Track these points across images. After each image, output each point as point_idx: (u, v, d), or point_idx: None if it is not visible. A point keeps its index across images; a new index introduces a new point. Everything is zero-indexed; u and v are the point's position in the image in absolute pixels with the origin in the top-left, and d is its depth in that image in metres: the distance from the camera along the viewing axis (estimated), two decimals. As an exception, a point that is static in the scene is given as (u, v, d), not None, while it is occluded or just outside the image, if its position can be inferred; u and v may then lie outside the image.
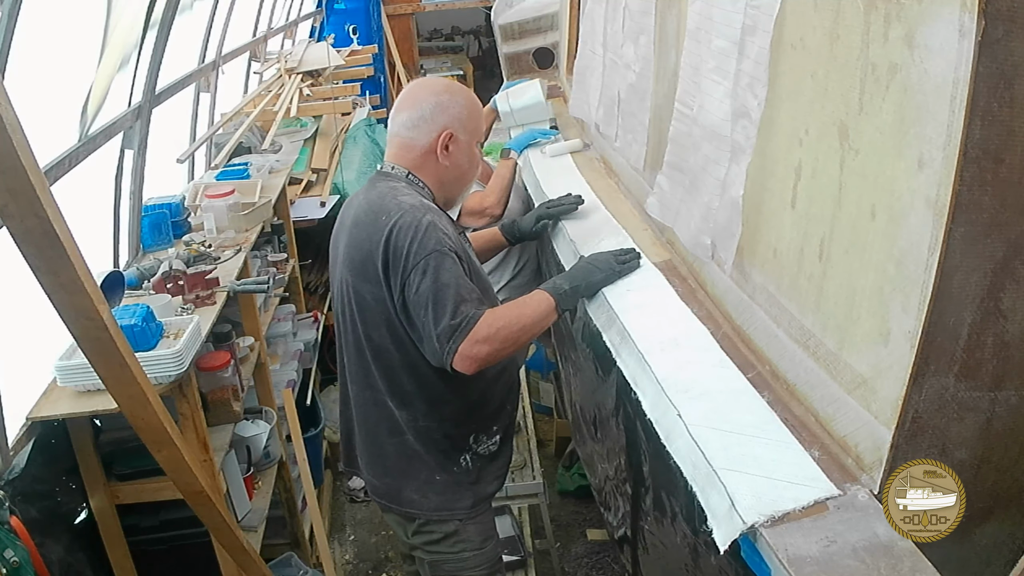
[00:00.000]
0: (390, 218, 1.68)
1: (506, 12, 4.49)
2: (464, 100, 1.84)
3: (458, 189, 1.90)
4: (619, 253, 1.88)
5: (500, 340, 1.66)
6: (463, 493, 1.90)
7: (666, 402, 1.42)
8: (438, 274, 1.63)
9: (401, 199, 1.72)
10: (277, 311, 3.37)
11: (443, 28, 10.25)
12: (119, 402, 1.66)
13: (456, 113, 1.81)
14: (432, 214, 1.70)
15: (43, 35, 2.24)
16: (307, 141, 4.59)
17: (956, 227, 0.99)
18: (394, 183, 1.80)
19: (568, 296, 1.79)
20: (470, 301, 1.65)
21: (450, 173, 1.84)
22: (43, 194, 1.30)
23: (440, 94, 1.81)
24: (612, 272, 1.83)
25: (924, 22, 1.00)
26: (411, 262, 1.64)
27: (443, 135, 1.79)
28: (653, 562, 1.86)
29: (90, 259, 1.46)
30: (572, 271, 1.87)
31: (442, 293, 1.63)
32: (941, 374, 1.08)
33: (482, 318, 1.65)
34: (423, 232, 1.65)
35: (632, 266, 1.86)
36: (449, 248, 1.67)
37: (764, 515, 1.11)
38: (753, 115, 1.44)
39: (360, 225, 1.75)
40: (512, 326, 1.69)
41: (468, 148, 1.84)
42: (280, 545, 2.94)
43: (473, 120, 1.85)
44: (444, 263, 1.64)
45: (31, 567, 1.65)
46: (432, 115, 1.80)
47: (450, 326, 1.62)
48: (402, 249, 1.65)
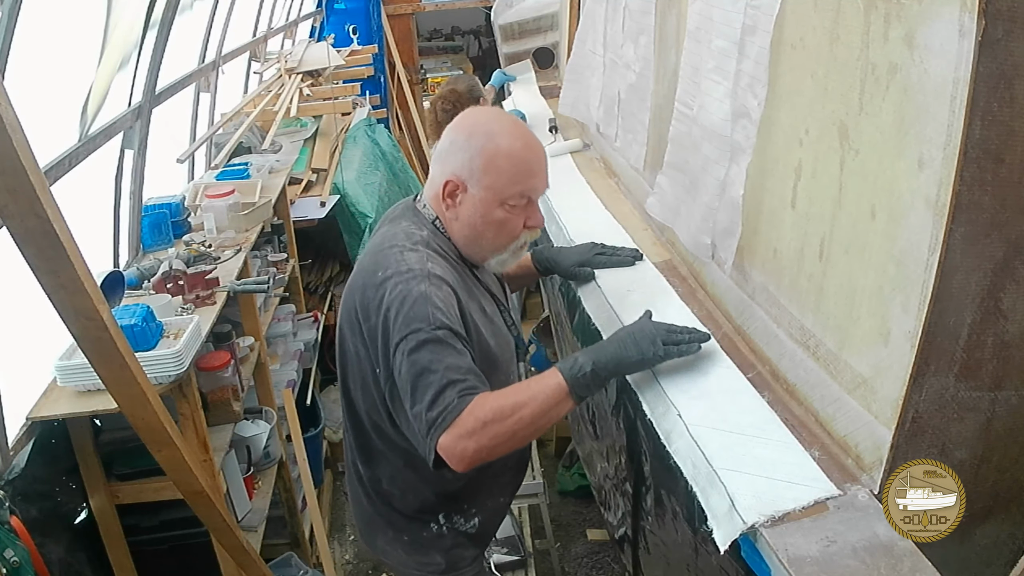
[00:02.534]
0: (385, 279, 1.44)
1: (506, 12, 4.49)
2: (486, 147, 1.47)
3: (476, 250, 1.57)
4: (674, 330, 1.47)
5: (490, 436, 1.33)
6: (434, 555, 1.68)
7: (666, 402, 1.42)
8: (419, 357, 1.37)
9: (407, 256, 1.46)
10: (277, 311, 3.37)
11: (443, 28, 10.24)
12: (119, 402, 1.66)
13: (468, 160, 1.48)
14: (428, 283, 1.42)
15: (43, 35, 2.23)
16: (307, 141, 4.60)
17: (956, 227, 0.99)
18: (415, 228, 1.54)
19: (588, 382, 1.40)
20: (457, 384, 1.35)
21: (470, 229, 1.53)
22: (43, 194, 1.30)
23: (464, 131, 1.51)
24: (654, 355, 1.43)
25: (924, 22, 1.00)
26: (393, 339, 1.40)
27: (447, 184, 1.50)
28: (654, 562, 1.86)
29: (90, 259, 1.46)
30: (602, 346, 1.46)
31: (423, 379, 1.36)
32: (941, 374, 1.08)
33: (468, 407, 1.33)
34: (410, 305, 1.39)
35: (685, 349, 1.45)
36: (440, 326, 1.38)
37: (764, 515, 1.11)
38: (753, 115, 1.44)
39: (363, 269, 1.52)
40: (505, 419, 1.34)
41: (482, 206, 1.50)
42: (280, 545, 2.94)
43: (493, 174, 1.48)
44: (430, 344, 1.37)
45: (31, 567, 1.65)
46: (448, 153, 1.51)
47: (428, 419, 1.34)
48: (389, 322, 1.41)
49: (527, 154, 1.50)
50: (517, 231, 1.54)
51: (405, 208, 1.63)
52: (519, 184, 1.49)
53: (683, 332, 1.48)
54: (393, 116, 6.97)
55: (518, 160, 1.49)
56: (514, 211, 1.51)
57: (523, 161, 1.49)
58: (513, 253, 1.58)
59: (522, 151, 1.50)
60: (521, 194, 1.50)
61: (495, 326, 1.58)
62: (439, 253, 1.52)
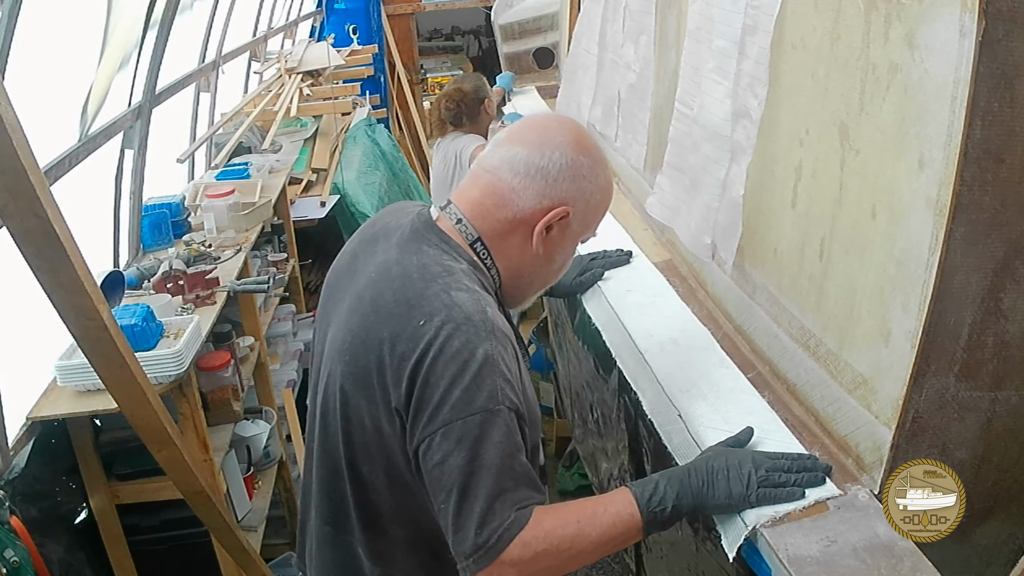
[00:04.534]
0: (431, 328, 1.10)
1: (506, 12, 4.49)
2: (604, 179, 1.26)
3: (530, 289, 1.32)
4: (777, 466, 1.17)
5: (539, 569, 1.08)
6: None
7: (666, 402, 1.42)
8: (479, 450, 1.06)
9: (455, 295, 1.13)
10: (277, 311, 3.37)
11: (443, 28, 10.25)
12: (119, 402, 1.66)
13: (588, 190, 1.23)
14: (493, 340, 1.11)
15: (43, 35, 2.24)
16: (307, 141, 4.60)
17: (956, 227, 0.99)
18: (449, 254, 1.20)
19: (664, 520, 1.13)
20: (511, 493, 1.08)
21: (535, 265, 1.26)
22: (43, 194, 1.31)
23: (582, 153, 1.22)
24: (743, 500, 1.13)
25: (925, 22, 1.00)
26: (443, 416, 1.08)
27: (557, 210, 1.20)
28: (655, 561, 1.86)
29: (90, 259, 1.46)
30: (691, 473, 1.16)
31: (476, 481, 1.06)
32: (941, 374, 1.08)
33: (520, 535, 1.06)
34: (475, 372, 1.08)
35: (787, 495, 1.14)
36: (508, 402, 1.09)
37: (765, 515, 1.11)
38: (753, 115, 1.44)
39: (381, 311, 1.15)
40: (561, 552, 1.08)
41: (573, 242, 1.29)
42: (280, 545, 2.93)
43: (599, 210, 1.28)
44: (492, 433, 1.07)
45: (31, 567, 1.65)
46: (558, 175, 1.20)
47: (475, 542, 1.06)
48: (436, 389, 1.08)
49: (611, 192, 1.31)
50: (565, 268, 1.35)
51: (418, 226, 1.25)
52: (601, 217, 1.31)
53: (788, 462, 1.17)
54: (393, 116, 6.98)
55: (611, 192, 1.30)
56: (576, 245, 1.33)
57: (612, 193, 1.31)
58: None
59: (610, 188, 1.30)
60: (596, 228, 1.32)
61: (529, 380, 1.27)
62: (485, 290, 1.20)
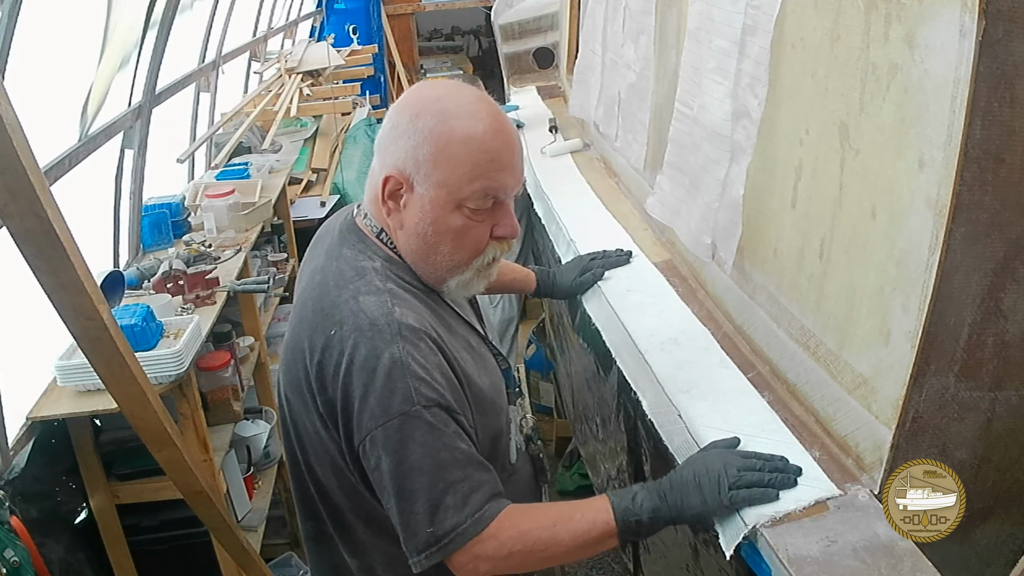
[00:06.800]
0: (340, 339, 1.10)
1: (506, 12, 4.49)
2: (438, 130, 1.11)
3: (428, 269, 1.21)
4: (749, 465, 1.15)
5: (512, 566, 1.10)
6: None
7: (666, 402, 1.42)
8: (405, 453, 1.07)
9: (362, 300, 1.12)
10: (277, 311, 3.37)
11: (443, 28, 10.25)
12: (119, 402, 1.66)
13: (413, 148, 1.12)
14: (399, 341, 1.09)
15: (43, 35, 2.24)
16: (307, 141, 4.61)
17: (956, 227, 0.99)
18: (364, 253, 1.20)
19: (639, 531, 1.13)
20: (460, 484, 1.08)
21: (424, 243, 1.17)
22: (43, 194, 1.31)
23: (409, 110, 1.14)
24: (717, 506, 1.12)
25: (924, 22, 1.00)
26: (365, 425, 1.08)
27: (388, 178, 1.15)
28: (654, 561, 1.86)
29: (90, 259, 1.47)
30: (666, 484, 1.15)
31: (409, 483, 1.07)
32: (941, 374, 1.08)
33: (491, 527, 1.08)
34: (384, 378, 1.07)
35: (760, 496, 1.13)
36: (425, 400, 1.08)
37: (765, 515, 1.11)
38: (753, 115, 1.44)
39: (304, 321, 1.17)
40: (535, 553, 1.10)
41: (433, 210, 1.14)
42: (280, 545, 2.93)
43: (447, 167, 1.12)
44: (414, 434, 1.07)
45: (31, 567, 1.65)
46: (383, 144, 1.17)
47: (427, 536, 1.07)
48: (354, 399, 1.09)
49: (493, 140, 1.12)
50: (482, 243, 1.18)
51: (343, 228, 1.25)
52: (482, 179, 1.12)
53: (760, 462, 1.16)
54: (393, 116, 6.97)
55: (481, 147, 1.12)
56: (476, 215, 1.15)
57: (487, 149, 1.12)
58: (478, 272, 1.22)
59: (485, 135, 1.12)
60: (485, 192, 1.14)
61: (484, 362, 1.27)
62: (401, 286, 1.18)
